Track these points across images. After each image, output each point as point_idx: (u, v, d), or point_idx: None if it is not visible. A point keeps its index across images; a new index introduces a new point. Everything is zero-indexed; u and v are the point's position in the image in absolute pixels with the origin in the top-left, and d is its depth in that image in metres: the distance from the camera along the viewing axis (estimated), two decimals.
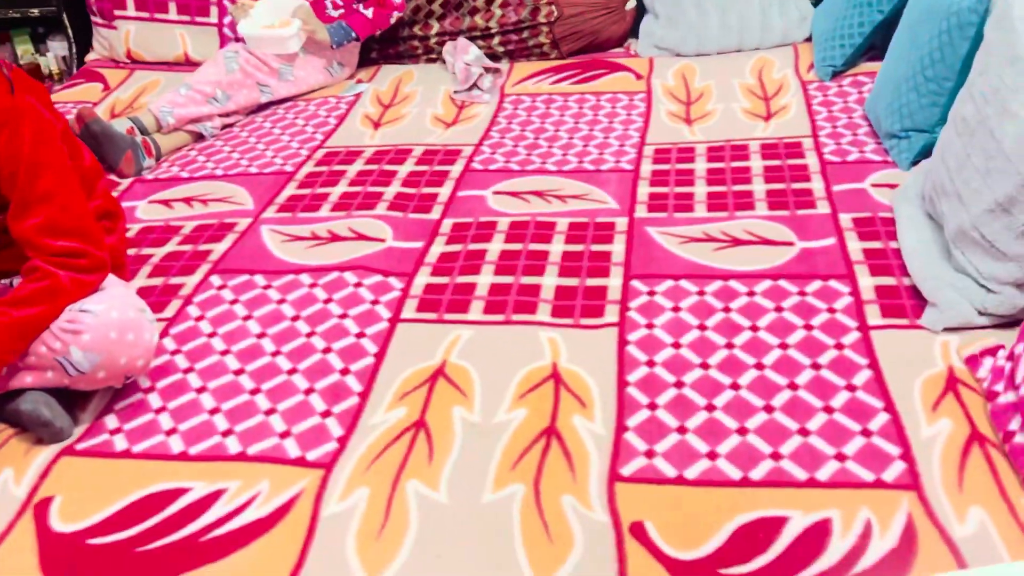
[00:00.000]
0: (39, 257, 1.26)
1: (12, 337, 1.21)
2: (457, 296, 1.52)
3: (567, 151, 2.02)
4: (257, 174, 2.01)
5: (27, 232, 1.26)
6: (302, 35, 2.32)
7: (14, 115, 1.23)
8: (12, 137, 1.23)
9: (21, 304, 1.22)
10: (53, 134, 1.30)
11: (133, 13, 2.59)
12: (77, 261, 1.27)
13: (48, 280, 1.24)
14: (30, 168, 1.24)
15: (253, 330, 1.47)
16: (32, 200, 1.25)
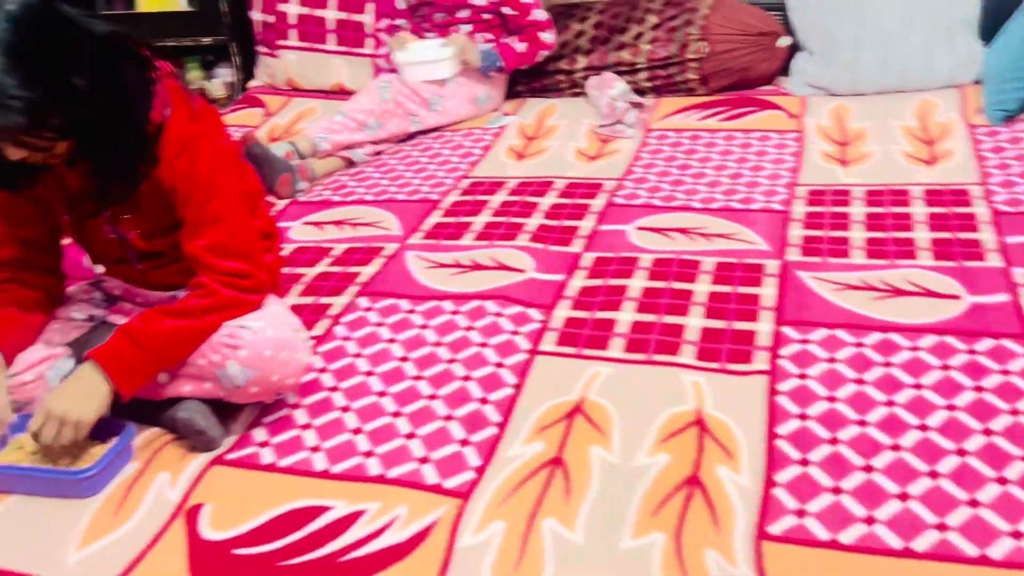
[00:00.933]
0: (206, 275, 1.32)
1: (170, 346, 1.27)
2: (597, 332, 1.50)
3: (714, 189, 1.97)
4: (404, 201, 2.06)
5: (197, 251, 1.32)
6: (455, 62, 2.38)
7: (194, 140, 1.30)
8: (191, 161, 1.29)
9: (182, 315, 1.28)
10: (227, 159, 1.36)
11: (295, 44, 2.72)
12: (241, 281, 1.33)
13: (212, 297, 1.30)
14: (204, 191, 1.31)
15: (396, 353, 1.49)
16: (204, 221, 1.31)
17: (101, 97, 1.15)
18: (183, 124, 1.30)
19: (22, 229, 1.39)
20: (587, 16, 2.57)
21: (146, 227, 1.37)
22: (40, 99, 1.09)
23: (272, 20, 2.71)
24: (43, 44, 1.09)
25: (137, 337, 1.25)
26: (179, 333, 1.27)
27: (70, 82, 1.11)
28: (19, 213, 1.37)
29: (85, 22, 1.14)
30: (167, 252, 1.41)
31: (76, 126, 1.15)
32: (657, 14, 2.51)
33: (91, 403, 1.22)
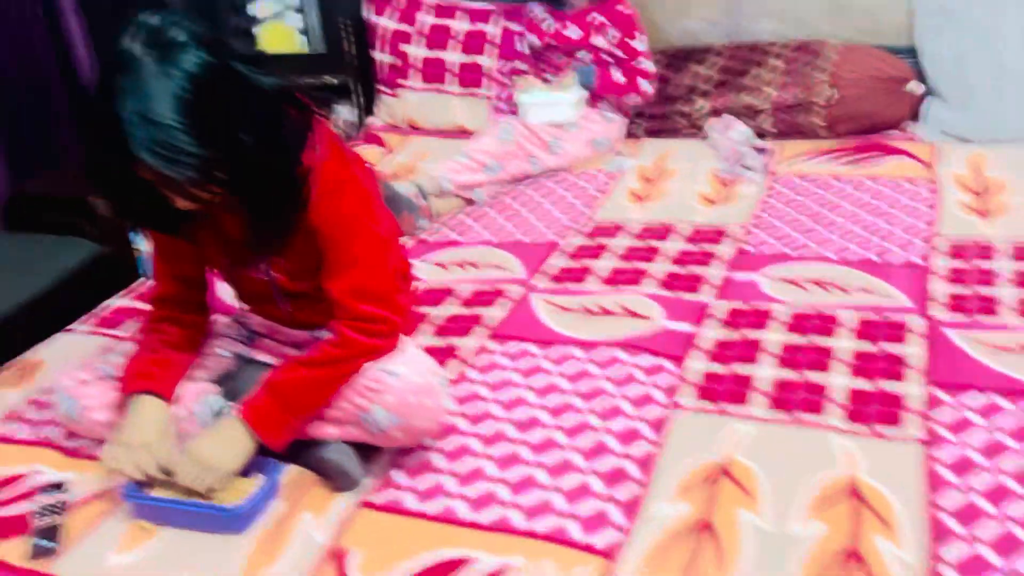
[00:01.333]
0: (343, 319, 1.34)
1: (311, 397, 1.30)
2: (737, 387, 1.46)
3: (847, 238, 1.92)
4: (526, 243, 2.06)
5: (336, 292, 1.34)
6: (577, 105, 2.40)
7: (341, 184, 1.32)
8: (337, 204, 1.31)
9: (320, 365, 1.31)
10: (369, 203, 1.38)
11: (417, 84, 2.78)
12: (375, 326, 1.34)
13: (347, 347, 1.32)
14: (346, 234, 1.33)
15: (530, 400, 1.48)
16: (344, 263, 1.34)
17: (265, 150, 1.18)
18: (333, 168, 1.32)
19: (178, 266, 1.44)
20: (708, 59, 2.55)
21: (293, 267, 1.40)
22: (212, 155, 1.13)
23: (396, 61, 2.78)
24: (217, 102, 1.13)
25: (278, 390, 1.29)
26: (318, 383, 1.29)
27: (239, 137, 1.15)
28: (176, 251, 1.42)
29: (255, 78, 1.18)
30: (311, 292, 1.44)
31: (240, 178, 1.19)
32: (782, 58, 2.47)
33: (235, 455, 1.26)
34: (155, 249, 1.45)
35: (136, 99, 1.09)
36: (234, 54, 1.17)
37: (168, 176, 1.13)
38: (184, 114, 1.10)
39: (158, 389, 1.33)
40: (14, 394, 1.62)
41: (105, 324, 1.86)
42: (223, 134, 1.13)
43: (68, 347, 1.76)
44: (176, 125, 1.09)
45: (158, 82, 1.09)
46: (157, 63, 1.10)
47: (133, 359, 1.37)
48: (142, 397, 1.31)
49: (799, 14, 2.57)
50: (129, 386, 1.33)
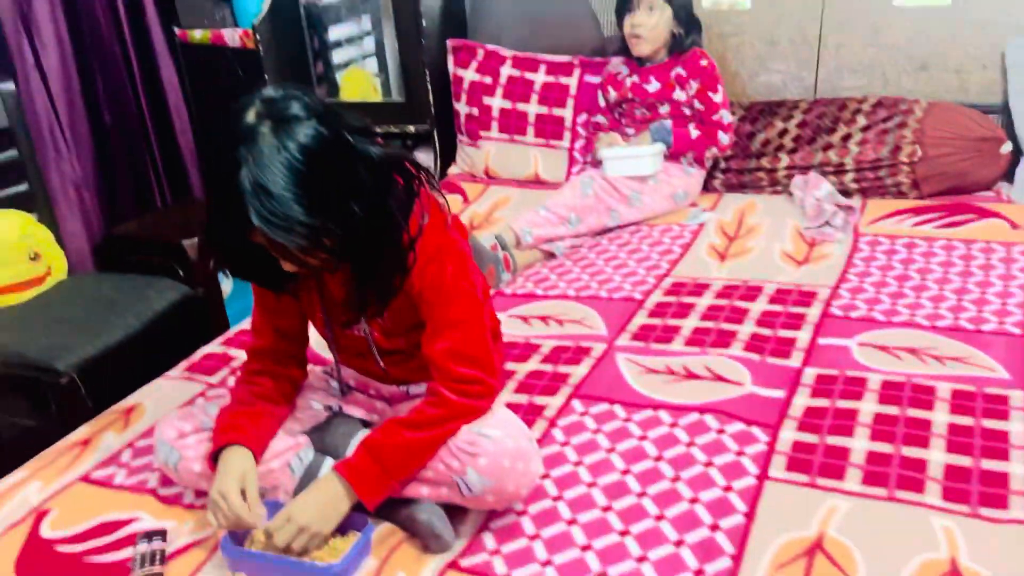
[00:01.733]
0: (440, 380, 1.36)
1: (409, 458, 1.32)
2: (830, 459, 1.44)
3: (938, 304, 1.88)
4: (607, 298, 2.07)
5: (435, 354, 1.36)
6: (658, 159, 2.41)
7: (443, 248, 1.35)
8: (440, 269, 1.35)
9: (418, 427, 1.32)
10: (468, 266, 1.41)
11: (496, 135, 2.83)
12: (473, 388, 1.36)
13: (445, 407, 1.33)
14: (447, 297, 1.36)
15: (617, 465, 1.48)
16: (444, 325, 1.36)
17: (373, 218, 1.22)
18: (435, 233, 1.35)
19: (279, 320, 1.48)
20: (792, 115, 2.55)
21: (390, 326, 1.43)
22: (322, 224, 1.16)
23: (476, 113, 2.83)
24: (329, 173, 1.17)
25: (378, 451, 1.31)
26: (418, 445, 1.31)
27: (349, 207, 1.18)
28: (277, 306, 1.47)
29: (365, 148, 1.22)
30: (406, 349, 1.47)
31: (348, 244, 1.22)
32: (867, 115, 2.45)
33: (333, 516, 1.29)
34: (257, 302, 1.49)
35: (253, 169, 1.13)
36: (345, 125, 1.21)
37: (280, 242, 1.17)
38: (297, 185, 1.14)
39: (245, 441, 1.36)
40: (115, 439, 1.68)
41: (199, 370, 1.91)
42: (334, 204, 1.17)
43: (166, 392, 1.82)
44: (289, 195, 1.13)
45: (274, 154, 1.13)
46: (274, 135, 1.14)
47: (225, 411, 1.41)
48: (231, 449, 1.35)
49: (884, 71, 2.55)
50: (219, 439, 1.36)
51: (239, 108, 1.19)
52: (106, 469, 1.59)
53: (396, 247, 1.28)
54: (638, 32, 2.45)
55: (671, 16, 2.44)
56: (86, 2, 2.74)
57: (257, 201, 1.14)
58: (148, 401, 1.80)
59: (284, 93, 1.19)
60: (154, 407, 1.77)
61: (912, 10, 2.49)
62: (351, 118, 1.23)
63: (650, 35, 2.45)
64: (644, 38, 2.45)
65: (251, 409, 1.42)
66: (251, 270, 1.33)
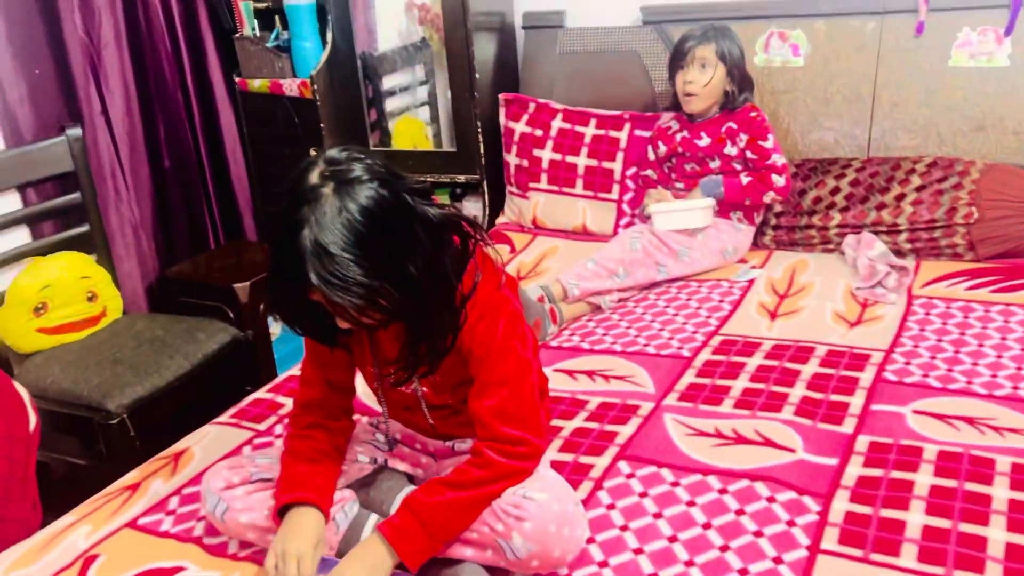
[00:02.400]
0: (485, 439, 1.36)
1: (452, 519, 1.31)
2: (884, 533, 1.39)
3: (996, 372, 1.83)
4: (655, 355, 2.05)
5: (481, 411, 1.36)
6: (708, 213, 2.41)
7: (495, 306, 1.36)
8: (490, 327, 1.35)
9: (462, 487, 1.32)
10: (519, 324, 1.41)
11: (545, 186, 2.85)
12: (517, 448, 1.35)
13: (489, 469, 1.33)
14: (497, 355, 1.36)
15: (664, 531, 1.45)
16: (492, 383, 1.36)
17: (429, 278, 1.23)
18: (489, 292, 1.36)
19: (329, 372, 1.49)
20: (844, 173, 2.53)
21: (439, 381, 1.44)
22: (379, 285, 1.18)
23: (526, 164, 2.86)
24: (389, 234, 1.19)
25: (420, 512, 1.30)
26: (460, 505, 1.31)
27: (406, 268, 1.20)
28: (330, 359, 1.48)
29: (424, 210, 1.23)
30: (454, 405, 1.47)
31: (403, 304, 1.23)
32: (921, 175, 2.42)
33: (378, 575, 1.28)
34: (308, 354, 1.51)
35: (314, 229, 1.16)
36: (405, 187, 1.23)
37: (336, 301, 1.19)
38: (357, 246, 1.16)
39: (321, 503, 1.37)
40: (164, 485, 1.69)
41: (247, 417, 1.93)
42: (392, 264, 1.19)
43: (214, 439, 1.84)
44: (349, 256, 1.15)
45: (336, 215, 1.16)
46: (336, 197, 1.17)
47: (292, 466, 1.41)
48: (307, 510, 1.35)
49: (939, 130, 2.52)
50: (292, 494, 1.36)
51: (303, 169, 1.22)
52: (154, 515, 1.61)
53: (450, 306, 1.29)
54: (691, 90, 2.46)
55: (724, 74, 2.44)
56: (152, 51, 2.84)
57: (317, 261, 1.16)
58: (197, 447, 1.82)
59: (348, 155, 1.21)
60: (202, 453, 1.79)
61: (968, 70, 2.47)
62: (410, 180, 1.25)
63: (703, 92, 2.45)
64: (697, 95, 2.46)
65: (319, 467, 1.42)
66: (307, 325, 1.35)
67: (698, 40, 2.43)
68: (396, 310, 1.23)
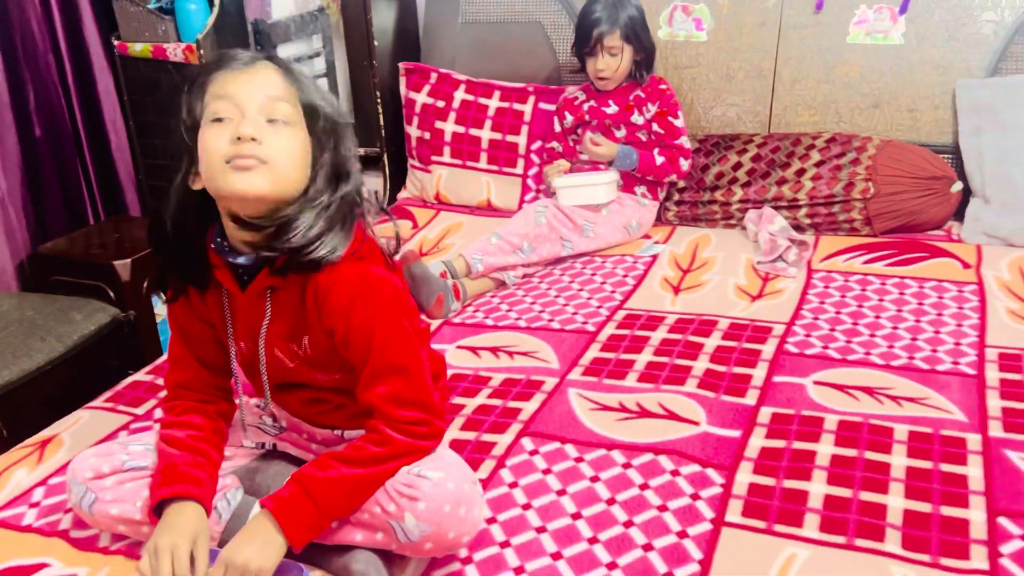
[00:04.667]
0: (382, 422, 1.27)
1: (344, 496, 1.22)
2: (788, 504, 1.38)
3: (892, 343, 1.85)
4: (559, 330, 2.00)
5: (375, 400, 1.27)
6: (613, 187, 2.38)
7: (368, 286, 1.25)
8: (365, 308, 1.24)
9: (356, 463, 1.22)
10: (405, 299, 1.32)
11: (448, 160, 2.76)
12: (418, 428, 1.27)
13: (387, 446, 1.24)
14: (383, 338, 1.25)
15: (568, 508, 1.40)
16: (382, 371, 1.26)
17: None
18: (363, 270, 1.25)
19: (198, 349, 1.38)
20: (746, 149, 2.53)
21: (316, 356, 1.32)
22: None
23: (428, 137, 2.77)
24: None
25: (310, 487, 1.21)
26: (353, 482, 1.21)
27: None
28: (196, 335, 1.37)
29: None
30: (332, 398, 1.37)
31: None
32: (820, 151, 2.45)
33: (270, 553, 1.18)
34: (175, 332, 1.39)
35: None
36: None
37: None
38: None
39: (198, 496, 1.25)
40: (27, 475, 1.55)
41: (124, 400, 1.79)
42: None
43: (87, 424, 1.69)
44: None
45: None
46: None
47: (168, 456, 1.29)
48: (185, 504, 1.23)
49: (838, 106, 2.56)
50: (169, 489, 1.24)
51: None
52: (14, 508, 1.46)
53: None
54: (603, 75, 2.44)
55: (632, 53, 2.43)
56: (19, 10, 2.61)
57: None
58: (66, 434, 1.67)
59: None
60: (72, 440, 1.64)
61: (865, 48, 2.51)
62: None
63: (615, 75, 2.44)
64: (610, 79, 2.45)
65: (198, 458, 1.31)
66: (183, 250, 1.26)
67: (604, 28, 2.38)
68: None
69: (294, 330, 1.30)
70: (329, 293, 1.24)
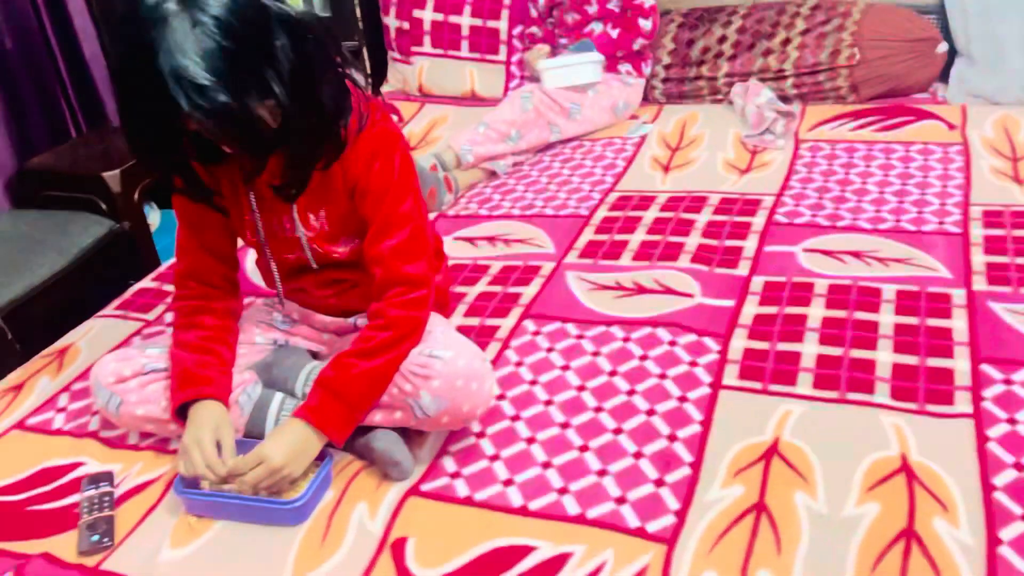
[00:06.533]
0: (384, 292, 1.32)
1: (370, 388, 1.28)
2: (781, 366, 1.45)
3: (880, 207, 1.89)
4: (553, 216, 2.03)
5: (384, 252, 1.31)
6: (598, 67, 2.36)
7: (389, 142, 1.31)
8: (387, 164, 1.30)
9: (372, 355, 1.28)
10: (413, 161, 1.36)
11: (428, 50, 2.72)
12: (416, 292, 1.32)
13: (392, 329, 1.29)
14: (396, 191, 1.31)
15: (572, 382, 1.47)
16: (393, 222, 1.32)
17: (302, 89, 1.13)
18: (381, 126, 1.30)
19: (205, 235, 1.40)
20: (731, 21, 2.50)
21: (326, 230, 1.36)
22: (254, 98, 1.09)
23: (407, 27, 2.72)
24: (253, 40, 1.08)
25: (338, 389, 1.27)
26: (377, 372, 1.28)
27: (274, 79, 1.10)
28: (203, 220, 1.38)
29: (281, 9, 1.12)
30: (345, 261, 1.41)
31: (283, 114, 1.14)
32: (805, 19, 2.42)
33: (305, 459, 1.26)
34: (181, 218, 1.40)
35: (171, 55, 1.04)
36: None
37: (210, 127, 1.09)
38: (221, 63, 1.05)
39: (217, 395, 1.31)
40: (50, 383, 1.60)
41: (134, 307, 1.83)
42: (261, 73, 1.09)
43: (100, 332, 1.75)
44: (214, 79, 1.04)
45: (188, 31, 1.04)
46: (184, 10, 1.05)
47: (182, 360, 1.34)
48: (203, 403, 1.29)
49: None
50: (186, 392, 1.30)
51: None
52: (43, 414, 1.53)
53: (328, 127, 1.21)
54: None
55: None
56: None
57: (180, 88, 1.04)
58: (82, 342, 1.72)
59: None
60: (89, 348, 1.69)
61: None
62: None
63: None
64: None
65: (210, 358, 1.35)
66: (178, 169, 1.25)
67: None
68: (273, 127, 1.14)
69: (312, 199, 1.33)
70: (352, 151, 1.28)
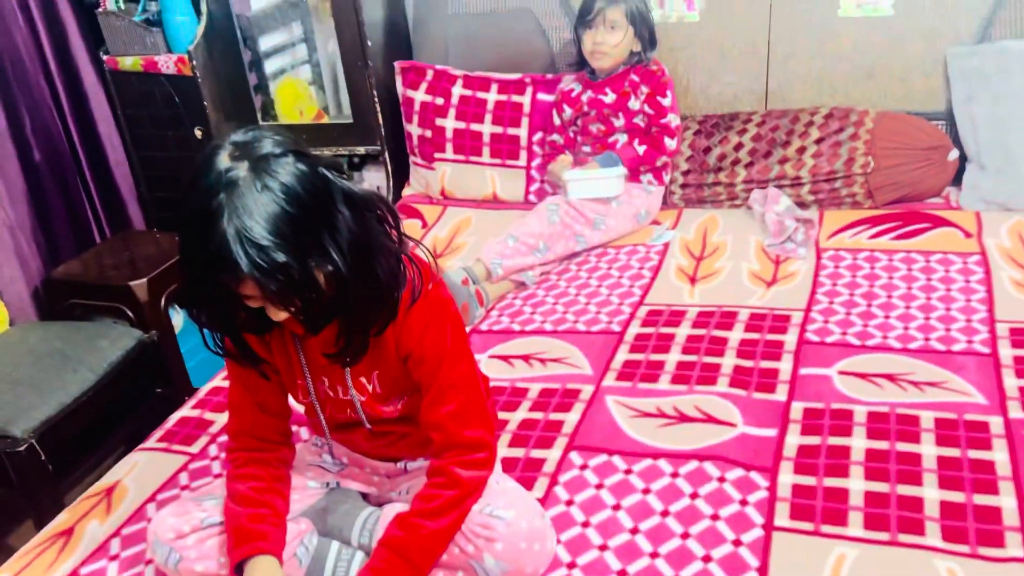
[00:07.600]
0: (445, 449, 1.34)
1: (435, 549, 1.30)
2: (831, 503, 1.47)
3: (908, 324, 1.93)
4: (585, 332, 2.06)
5: (440, 418, 1.34)
6: (622, 180, 2.42)
7: (440, 310, 1.33)
8: (439, 331, 1.32)
9: (436, 515, 1.30)
10: (463, 324, 1.39)
11: (450, 156, 2.78)
12: (478, 454, 1.34)
13: (457, 488, 1.31)
14: (451, 362, 1.33)
15: (626, 524, 1.48)
16: (448, 388, 1.34)
17: (357, 259, 1.16)
18: (432, 294, 1.33)
19: (258, 395, 1.42)
20: (746, 128, 2.57)
21: (380, 391, 1.38)
22: (313, 265, 1.12)
23: (429, 135, 2.78)
24: (315, 210, 1.11)
25: (403, 550, 1.28)
26: (440, 534, 1.29)
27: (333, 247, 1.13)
28: (256, 381, 1.40)
29: (343, 184, 1.16)
30: (395, 419, 1.43)
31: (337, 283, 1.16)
32: (819, 127, 2.49)
33: None
34: (234, 380, 1.43)
35: (237, 217, 1.07)
36: (320, 160, 1.16)
37: (271, 289, 1.11)
38: (287, 224, 1.08)
39: (272, 550, 1.32)
40: (100, 527, 1.60)
41: (177, 439, 1.84)
42: (321, 241, 1.12)
43: (145, 468, 1.75)
44: (278, 241, 1.08)
45: (256, 195, 1.08)
46: (254, 176, 1.08)
47: (235, 516, 1.35)
48: (258, 559, 1.30)
49: (832, 80, 2.60)
50: (242, 549, 1.31)
51: (207, 156, 1.11)
52: (95, 562, 1.52)
53: (382, 293, 1.24)
54: (601, 49, 2.44)
55: (633, 35, 2.44)
56: (6, 33, 2.57)
57: (243, 249, 1.07)
58: (128, 479, 1.72)
59: (254, 134, 1.13)
60: (136, 486, 1.70)
61: (856, 20, 2.54)
62: (321, 156, 1.19)
63: (612, 51, 2.45)
64: (607, 54, 2.45)
65: (263, 510, 1.36)
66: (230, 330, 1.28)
67: (607, 0, 2.40)
68: (333, 289, 1.17)
69: (364, 363, 1.35)
70: (406, 321, 1.30)
